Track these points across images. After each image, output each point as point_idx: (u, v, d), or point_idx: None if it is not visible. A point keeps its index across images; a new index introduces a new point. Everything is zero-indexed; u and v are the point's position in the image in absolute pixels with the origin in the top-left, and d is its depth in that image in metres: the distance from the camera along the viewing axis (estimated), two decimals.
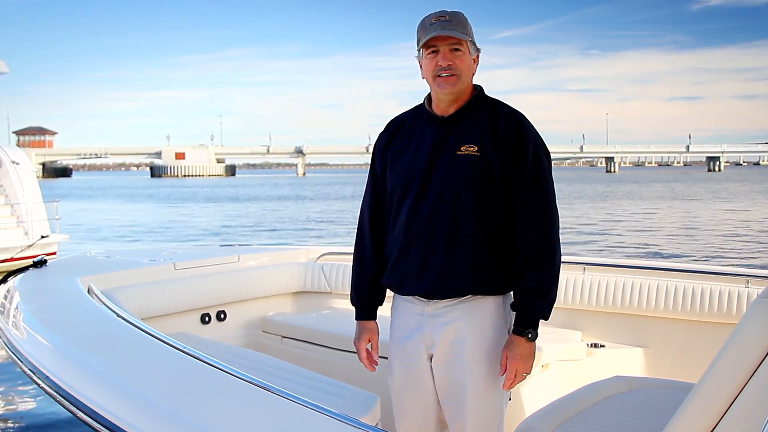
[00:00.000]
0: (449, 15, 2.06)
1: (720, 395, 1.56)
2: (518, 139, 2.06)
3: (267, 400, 1.76)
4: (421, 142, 2.13)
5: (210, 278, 4.04)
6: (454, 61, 2.06)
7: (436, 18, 2.07)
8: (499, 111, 2.11)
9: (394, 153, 2.17)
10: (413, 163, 2.10)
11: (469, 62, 2.10)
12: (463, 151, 2.06)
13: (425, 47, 2.08)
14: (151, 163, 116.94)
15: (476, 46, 2.12)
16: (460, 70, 2.06)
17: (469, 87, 2.14)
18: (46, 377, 2.18)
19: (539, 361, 3.15)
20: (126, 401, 1.85)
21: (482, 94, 2.17)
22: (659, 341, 3.15)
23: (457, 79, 2.07)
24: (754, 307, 1.60)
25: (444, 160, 2.07)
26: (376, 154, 2.24)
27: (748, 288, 3.24)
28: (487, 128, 2.07)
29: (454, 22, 2.05)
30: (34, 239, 11.80)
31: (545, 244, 2.05)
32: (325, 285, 4.39)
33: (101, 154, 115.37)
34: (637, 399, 2.35)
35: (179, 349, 2.17)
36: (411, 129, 2.18)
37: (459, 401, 2.10)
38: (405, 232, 2.11)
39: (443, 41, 2.05)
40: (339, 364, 3.46)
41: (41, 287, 3.32)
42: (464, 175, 2.04)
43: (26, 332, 2.64)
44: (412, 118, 2.21)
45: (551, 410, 2.25)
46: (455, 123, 2.11)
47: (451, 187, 2.05)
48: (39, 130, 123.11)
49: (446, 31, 2.03)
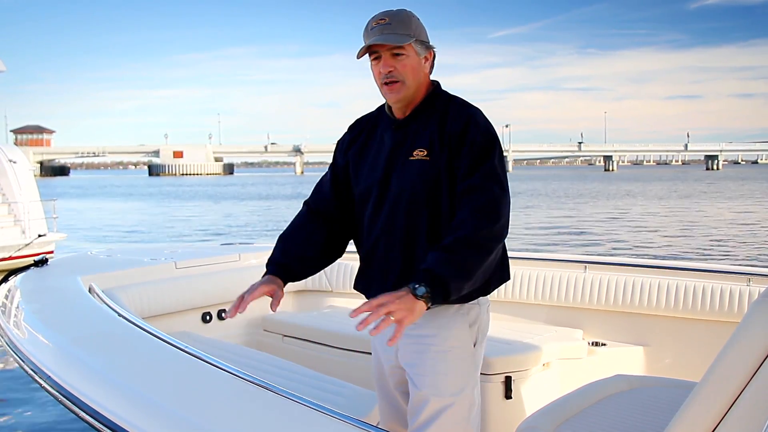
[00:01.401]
0: (389, 17, 1.96)
1: (722, 394, 1.56)
2: (462, 135, 1.94)
3: (268, 400, 1.76)
4: (380, 148, 2.08)
5: (211, 277, 4.04)
6: (396, 66, 1.96)
7: (376, 22, 1.97)
8: (450, 109, 2.01)
9: (356, 158, 2.13)
10: (372, 172, 2.06)
11: (415, 64, 1.99)
12: (415, 156, 1.98)
13: (369, 54, 1.99)
14: (149, 162, 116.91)
15: (426, 44, 2.02)
16: (403, 76, 1.97)
17: (422, 87, 2.04)
18: (47, 377, 2.18)
19: (540, 360, 3.16)
20: (127, 401, 1.85)
21: (436, 93, 2.06)
22: (660, 340, 3.15)
23: (401, 86, 1.98)
24: (755, 307, 1.60)
25: (398, 167, 2.01)
26: (338, 153, 2.19)
27: (750, 286, 3.25)
28: (436, 129, 1.98)
29: (393, 25, 1.95)
30: (31, 238, 11.81)
31: (478, 233, 1.84)
32: (326, 284, 4.40)
33: (99, 153, 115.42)
34: (638, 398, 2.35)
35: (180, 348, 2.17)
36: (373, 131, 2.13)
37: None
38: (366, 240, 2.10)
39: (383, 47, 1.95)
40: (340, 363, 3.46)
41: (42, 286, 3.31)
42: (415, 181, 1.97)
43: (27, 331, 2.64)
44: (374, 121, 2.15)
45: (552, 409, 2.25)
46: (408, 126, 2.04)
47: (404, 195, 1.98)
48: (37, 128, 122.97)
49: (383, 38, 1.94)
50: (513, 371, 3.02)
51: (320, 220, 2.18)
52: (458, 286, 1.81)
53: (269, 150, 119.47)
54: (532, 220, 23.37)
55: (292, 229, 2.20)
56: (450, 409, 1.96)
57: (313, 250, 2.17)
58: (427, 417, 1.96)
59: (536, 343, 3.22)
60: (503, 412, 2.99)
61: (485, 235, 1.85)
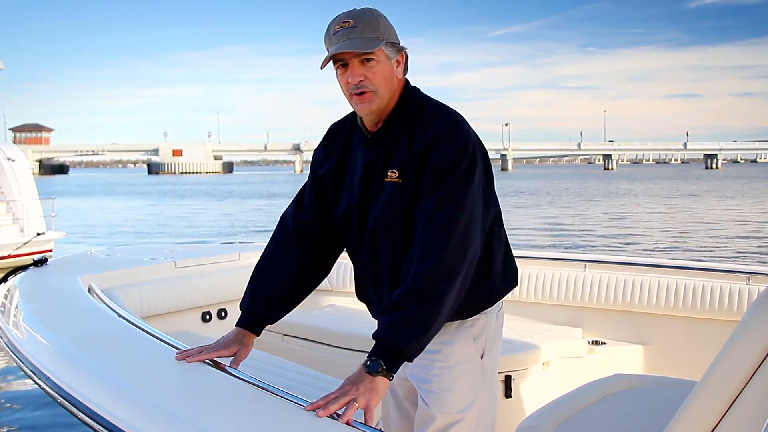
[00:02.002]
0: (354, 19, 1.74)
1: (722, 394, 1.56)
2: (426, 154, 1.73)
3: (267, 401, 1.76)
4: (354, 167, 1.90)
5: (211, 276, 4.03)
6: (366, 74, 1.76)
7: (338, 25, 1.74)
8: (420, 120, 1.79)
9: (333, 176, 1.95)
10: (350, 195, 1.90)
11: (387, 71, 1.78)
12: (389, 178, 1.81)
13: (333, 61, 1.77)
14: (149, 160, 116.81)
15: (397, 46, 1.81)
16: (375, 85, 1.76)
17: (395, 95, 1.83)
18: (46, 377, 2.18)
19: (540, 359, 3.16)
20: (126, 401, 1.85)
21: (408, 100, 1.84)
22: (660, 338, 3.15)
23: (373, 95, 1.77)
24: (754, 307, 1.60)
25: (373, 191, 1.85)
26: (316, 164, 2.03)
27: (749, 285, 3.25)
28: (405, 145, 1.78)
29: (360, 28, 1.73)
30: (29, 236, 11.81)
31: (422, 280, 1.65)
32: (326, 283, 4.39)
33: (98, 151, 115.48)
34: (638, 397, 2.35)
35: (180, 349, 2.16)
36: (348, 145, 1.94)
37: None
38: (355, 262, 1.99)
39: (350, 54, 1.74)
40: (340, 362, 3.46)
41: (41, 286, 3.31)
42: (389, 207, 1.81)
43: (26, 331, 2.64)
44: (349, 131, 1.95)
45: (552, 408, 2.25)
46: (378, 142, 1.84)
47: (382, 221, 1.83)
48: (36, 126, 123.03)
49: (350, 43, 1.72)
50: (512, 370, 3.02)
51: (298, 243, 1.99)
52: (415, 347, 1.65)
53: (268, 148, 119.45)
54: (532, 219, 23.38)
55: (264, 263, 2.03)
56: (457, 425, 1.90)
57: (289, 285, 2.00)
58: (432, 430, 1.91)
59: (536, 342, 3.22)
60: (503, 411, 2.99)
61: (430, 281, 1.65)
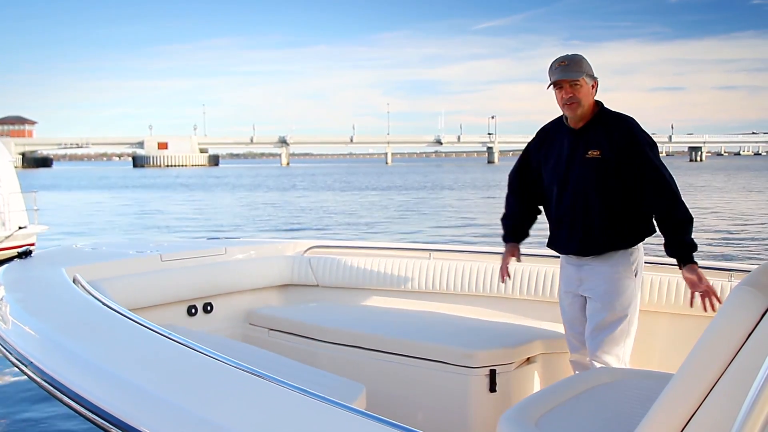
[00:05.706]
0: (568, 60, 2.82)
1: (699, 383, 1.56)
2: (629, 141, 2.80)
3: (256, 385, 1.77)
4: (561, 149, 2.93)
5: (197, 270, 4.02)
6: (574, 93, 2.81)
7: (558, 64, 2.83)
8: (612, 121, 2.85)
9: (544, 155, 3.00)
10: (557, 168, 2.93)
11: (586, 91, 2.82)
12: (590, 155, 2.82)
13: (553, 85, 2.84)
14: (134, 153, 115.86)
15: (592, 77, 2.85)
16: (579, 99, 2.81)
17: (591, 106, 2.87)
18: (32, 365, 2.18)
19: (524, 354, 3.18)
20: (114, 388, 1.85)
21: (602, 110, 2.89)
22: (644, 334, 3.17)
23: (578, 106, 2.82)
24: (733, 295, 1.61)
25: (577, 162, 2.86)
26: (532, 147, 3.11)
27: (731, 282, 3.28)
28: (605, 136, 2.82)
29: (571, 66, 2.81)
30: (11, 230, 11.67)
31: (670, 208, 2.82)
32: (312, 278, 4.39)
33: (82, 144, 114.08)
34: (621, 389, 2.37)
35: (167, 336, 2.17)
36: (554, 136, 2.99)
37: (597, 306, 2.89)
38: (555, 214, 2.97)
39: (565, 81, 2.80)
40: (325, 356, 3.47)
41: (26, 277, 3.30)
42: (590, 173, 2.82)
43: (11, 322, 2.63)
44: (555, 128, 3.01)
45: (534, 400, 2.27)
46: (582, 134, 2.87)
47: (583, 182, 2.85)
48: (18, 119, 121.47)
49: (564, 75, 2.80)
50: (497, 365, 3.04)
51: (522, 197, 3.18)
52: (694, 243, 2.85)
53: (254, 141, 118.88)
54: None
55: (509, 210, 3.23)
56: (621, 322, 2.85)
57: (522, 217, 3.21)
58: (602, 326, 2.85)
59: (521, 338, 3.25)
60: (487, 406, 3.01)
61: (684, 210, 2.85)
